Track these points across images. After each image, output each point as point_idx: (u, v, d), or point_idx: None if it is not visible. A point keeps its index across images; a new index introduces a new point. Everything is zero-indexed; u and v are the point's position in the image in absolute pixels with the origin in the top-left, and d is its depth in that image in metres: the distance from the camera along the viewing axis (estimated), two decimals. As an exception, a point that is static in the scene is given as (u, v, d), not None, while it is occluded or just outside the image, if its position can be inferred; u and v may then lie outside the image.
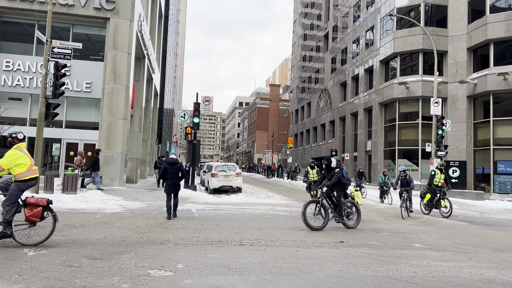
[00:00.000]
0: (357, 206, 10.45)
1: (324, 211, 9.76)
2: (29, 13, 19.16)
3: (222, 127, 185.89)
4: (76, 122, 19.92)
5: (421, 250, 7.69)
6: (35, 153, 13.70)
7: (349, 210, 10.31)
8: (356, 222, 10.29)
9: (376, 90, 33.23)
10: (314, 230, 9.30)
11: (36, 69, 19.25)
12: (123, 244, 6.92)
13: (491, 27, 25.74)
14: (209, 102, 21.49)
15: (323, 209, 9.76)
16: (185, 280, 4.95)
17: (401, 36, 30.19)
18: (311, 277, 5.37)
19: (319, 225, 9.54)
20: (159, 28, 34.26)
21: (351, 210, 10.38)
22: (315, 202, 9.82)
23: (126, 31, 19.41)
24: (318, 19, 52.73)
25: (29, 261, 5.51)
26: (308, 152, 53.40)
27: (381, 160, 31.83)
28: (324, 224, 9.62)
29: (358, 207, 10.45)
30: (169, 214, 10.51)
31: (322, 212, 9.78)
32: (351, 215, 10.32)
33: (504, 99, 25.84)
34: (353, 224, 10.22)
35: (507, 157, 25.01)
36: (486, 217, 15.38)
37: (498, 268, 6.43)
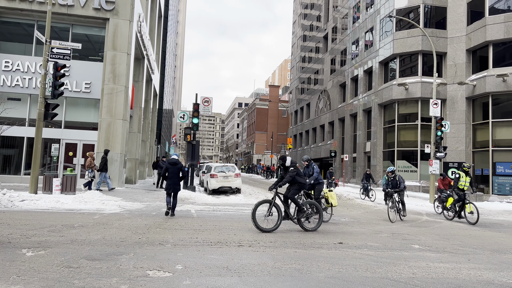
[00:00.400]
0: (319, 208, 9.87)
1: (278, 212, 9.32)
2: (29, 13, 19.15)
3: (221, 128, 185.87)
4: (75, 123, 19.90)
5: (420, 252, 7.69)
6: (34, 153, 13.69)
7: (309, 212, 9.75)
8: (316, 224, 9.68)
9: (375, 91, 33.25)
10: (265, 232, 8.88)
11: (35, 69, 19.25)
12: (122, 244, 6.91)
13: (490, 28, 25.79)
14: (208, 102, 21.49)
15: (276, 210, 9.33)
16: (183, 281, 4.94)
17: (400, 37, 30.23)
18: (310, 278, 5.36)
19: (270, 227, 9.08)
20: (159, 28, 34.27)
21: (312, 211, 9.85)
22: (268, 202, 9.40)
23: (125, 32, 19.41)
24: (318, 20, 52.78)
25: (28, 261, 5.49)
26: (307, 153, 53.39)
27: (380, 161, 31.84)
28: (276, 225, 9.16)
29: (320, 209, 9.87)
30: (169, 209, 11.07)
31: (274, 213, 9.35)
32: (311, 217, 9.78)
33: (503, 100, 25.87)
34: (312, 227, 9.61)
35: (506, 158, 25.05)
36: (485, 218, 15.37)
37: (497, 270, 6.44)
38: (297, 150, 59.40)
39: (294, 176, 9.64)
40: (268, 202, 9.44)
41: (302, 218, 9.60)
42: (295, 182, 9.69)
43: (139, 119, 25.43)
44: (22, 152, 19.20)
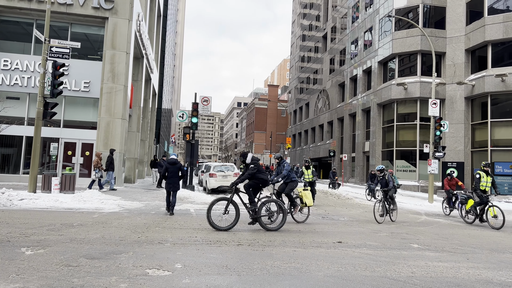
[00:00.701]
0: (283, 207, 9.54)
1: (235, 210, 9.02)
2: (28, 12, 19.12)
3: (220, 128, 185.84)
4: (74, 122, 19.88)
5: (419, 251, 7.70)
6: (32, 153, 13.67)
7: (271, 211, 9.49)
8: (279, 224, 9.32)
9: (374, 91, 33.28)
10: (220, 231, 8.63)
11: (34, 68, 19.22)
12: (121, 243, 6.91)
13: (489, 28, 25.83)
14: (207, 102, 21.48)
15: (234, 208, 9.03)
16: (183, 279, 4.94)
17: (399, 37, 30.25)
18: (309, 277, 5.37)
19: (226, 225, 8.84)
20: (158, 28, 34.23)
21: (275, 210, 9.60)
22: (225, 199, 9.04)
23: (124, 31, 19.39)
24: (317, 20, 52.79)
25: (27, 260, 5.49)
26: (306, 153, 53.43)
27: (379, 161, 31.86)
28: (232, 224, 8.90)
29: (284, 208, 9.54)
30: (171, 209, 11.46)
31: (232, 210, 9.09)
32: (273, 217, 9.53)
33: (501, 100, 25.92)
34: (274, 226, 9.26)
35: (504, 158, 25.09)
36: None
37: (496, 269, 6.45)
38: (296, 149, 59.41)
39: (254, 173, 9.36)
40: (225, 199, 9.07)
41: (263, 216, 9.31)
42: (255, 178, 9.42)
43: (138, 118, 25.41)
44: (21, 151, 19.18)
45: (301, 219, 11.00)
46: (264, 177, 9.51)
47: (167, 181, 11.53)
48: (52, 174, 14.51)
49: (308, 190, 11.17)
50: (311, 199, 11.07)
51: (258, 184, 9.49)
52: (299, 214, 11.06)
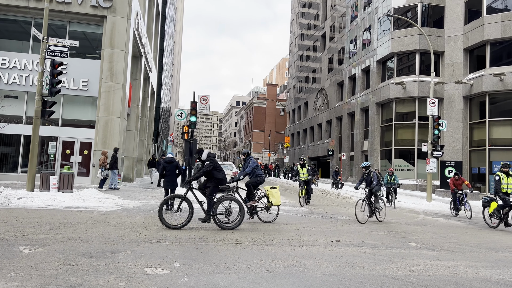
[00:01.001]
0: (241, 205, 9.16)
1: (189, 208, 8.75)
2: (26, 10, 19.06)
3: (219, 126, 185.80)
4: (72, 120, 19.84)
5: (417, 249, 7.72)
6: (31, 151, 13.64)
7: (228, 209, 9.12)
8: (235, 223, 8.97)
9: (373, 90, 33.31)
10: (172, 229, 8.38)
11: (33, 67, 19.17)
12: (120, 242, 6.90)
13: (487, 28, 25.86)
14: (206, 101, 21.46)
15: (187, 206, 8.79)
16: (181, 278, 4.94)
17: (398, 36, 30.27)
18: (308, 275, 5.37)
19: (178, 223, 8.59)
20: (156, 26, 34.18)
21: (232, 208, 9.21)
22: (178, 197, 8.85)
23: (123, 29, 19.35)
24: (316, 19, 52.78)
25: (25, 259, 5.48)
26: (305, 152, 53.46)
27: (377, 160, 31.91)
28: (185, 222, 8.62)
29: (243, 206, 9.17)
30: None
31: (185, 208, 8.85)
32: (230, 215, 9.14)
33: (500, 99, 25.96)
34: (230, 225, 8.92)
35: (502, 157, 25.14)
36: (482, 216, 15.41)
37: (494, 268, 6.47)
38: (294, 148, 59.44)
39: (210, 171, 9.00)
40: (178, 197, 8.87)
41: (218, 215, 8.97)
42: (212, 177, 9.07)
43: (137, 117, 25.38)
44: (19, 150, 19.14)
45: (268, 218, 10.38)
46: (220, 176, 9.09)
47: (165, 179, 11.72)
48: (50, 173, 14.49)
49: (276, 189, 10.54)
50: (278, 197, 10.46)
51: (217, 185, 9.10)
52: (266, 213, 10.44)
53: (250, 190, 10.43)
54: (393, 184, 17.80)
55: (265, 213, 10.47)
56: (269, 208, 10.47)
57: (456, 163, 25.18)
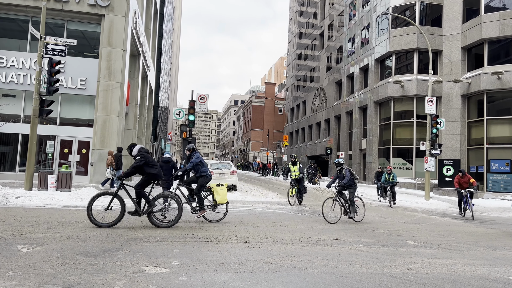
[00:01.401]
0: (179, 202, 8.83)
1: (121, 205, 8.44)
2: (23, 9, 19.00)
3: (218, 125, 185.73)
4: (70, 119, 19.80)
5: (415, 248, 7.74)
6: (28, 150, 13.62)
7: (164, 206, 8.80)
8: (172, 221, 8.67)
9: (371, 88, 33.33)
10: (101, 227, 8.08)
11: (30, 66, 19.12)
12: (118, 241, 6.90)
13: (485, 26, 25.89)
14: (204, 100, 21.45)
15: (119, 203, 8.47)
16: (180, 277, 4.94)
17: (396, 35, 30.28)
18: (306, 274, 5.38)
19: (108, 222, 8.26)
20: (154, 25, 34.12)
21: (167, 206, 8.91)
22: (109, 194, 8.57)
23: (121, 28, 19.31)
24: (314, 17, 52.76)
25: (23, 258, 5.48)
26: (303, 150, 53.50)
27: (375, 159, 31.95)
28: (116, 220, 8.32)
29: (180, 204, 8.82)
30: None
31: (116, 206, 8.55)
32: (166, 212, 8.78)
33: (497, 98, 26.01)
34: (165, 224, 8.61)
35: (500, 156, 25.21)
36: (480, 215, 15.48)
37: (491, 266, 6.49)
38: (293, 147, 59.47)
39: (141, 166, 8.63)
40: (109, 194, 8.56)
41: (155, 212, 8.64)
42: (144, 172, 8.72)
43: (135, 116, 25.35)
44: (17, 149, 19.10)
45: (214, 217, 9.87)
46: (154, 171, 8.71)
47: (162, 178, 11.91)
48: (48, 172, 14.47)
49: (223, 186, 9.93)
50: (224, 196, 9.86)
51: (148, 180, 8.77)
52: (212, 212, 9.95)
53: (199, 198, 9.84)
54: (391, 183, 17.34)
55: (212, 212, 9.96)
56: (216, 206, 9.91)
57: (454, 162, 25.24)
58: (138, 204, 8.74)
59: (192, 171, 10.19)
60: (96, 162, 18.60)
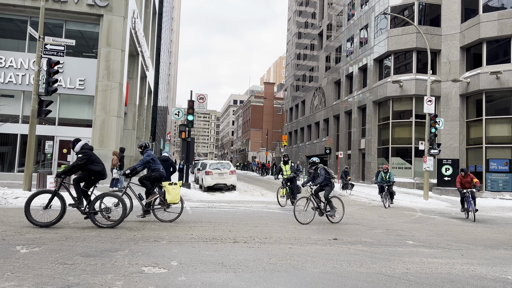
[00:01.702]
0: (123, 201, 8.46)
1: (61, 204, 8.19)
2: (22, 9, 18.97)
3: (217, 125, 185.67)
4: (69, 120, 19.78)
5: (414, 247, 7.75)
6: (27, 151, 13.60)
7: (107, 206, 8.56)
8: (115, 222, 8.33)
9: (370, 88, 33.35)
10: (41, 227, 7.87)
11: (29, 66, 19.09)
12: (117, 241, 6.90)
13: (484, 26, 25.92)
14: (203, 100, 21.44)
15: (60, 202, 8.22)
16: (179, 277, 4.94)
17: (395, 34, 30.30)
18: (305, 273, 5.39)
19: (47, 221, 8.03)
20: (153, 25, 34.09)
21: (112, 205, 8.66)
22: (49, 192, 8.34)
23: (119, 28, 19.29)
24: (313, 17, 52.77)
25: (22, 258, 5.47)
26: (302, 150, 53.51)
27: (374, 158, 31.97)
28: (56, 219, 8.08)
29: (124, 203, 8.44)
30: None
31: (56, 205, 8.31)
32: (109, 212, 8.51)
33: (496, 98, 26.05)
34: (108, 224, 8.27)
35: (499, 155, 25.24)
36: (478, 214, 15.49)
37: (490, 265, 6.50)
38: (292, 147, 59.48)
39: (81, 164, 8.25)
40: (49, 192, 8.29)
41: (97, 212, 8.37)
42: (85, 169, 8.34)
43: (134, 116, 25.32)
44: (15, 149, 19.07)
45: (167, 217, 9.51)
46: (97, 169, 8.33)
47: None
48: (47, 172, 14.46)
49: (176, 185, 9.53)
50: (176, 195, 9.43)
51: (88, 177, 8.39)
52: (164, 212, 9.60)
53: (146, 186, 9.58)
54: (388, 182, 16.78)
55: (164, 212, 9.60)
56: (168, 206, 9.54)
57: (453, 161, 25.27)
58: (85, 198, 8.34)
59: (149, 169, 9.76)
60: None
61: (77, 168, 8.34)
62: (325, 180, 10.79)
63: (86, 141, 8.71)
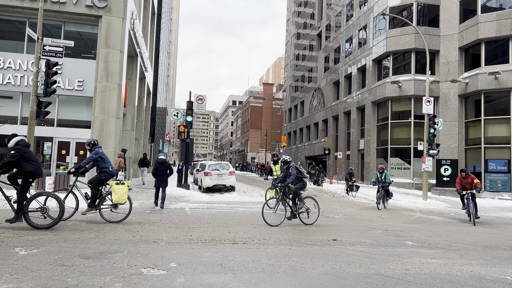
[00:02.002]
0: (61, 202, 8.08)
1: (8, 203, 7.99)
2: (20, 10, 18.96)
3: (216, 126, 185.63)
4: (68, 121, 19.75)
5: (413, 248, 7.75)
6: (26, 152, 13.56)
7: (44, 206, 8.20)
8: (51, 222, 7.97)
9: (368, 89, 33.38)
10: None
11: (27, 67, 19.07)
12: (116, 243, 6.89)
13: (482, 26, 25.96)
14: (202, 100, 21.44)
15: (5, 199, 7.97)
16: (178, 278, 4.94)
17: (393, 35, 30.34)
18: (304, 275, 5.39)
19: None
20: (152, 26, 34.09)
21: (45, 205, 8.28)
22: None
23: (118, 29, 19.28)
24: (311, 18, 52.82)
25: (21, 260, 5.46)
26: (301, 151, 53.51)
27: (373, 159, 31.99)
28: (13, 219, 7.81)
29: (60, 202, 8.05)
30: (156, 201, 12.81)
31: None
32: (46, 212, 8.15)
33: (495, 98, 26.08)
34: (44, 225, 7.94)
35: (497, 155, 25.27)
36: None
37: (489, 265, 6.51)
38: (291, 148, 59.49)
39: (13, 162, 7.82)
40: None
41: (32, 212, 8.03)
42: (19, 168, 7.96)
43: (133, 117, 25.31)
44: (14, 150, 19.03)
45: (114, 218, 9.26)
46: (29, 168, 7.86)
47: (157, 178, 12.78)
48: (46, 174, 14.43)
49: (122, 185, 9.15)
50: (122, 195, 9.09)
51: (26, 178, 8.00)
52: (112, 213, 9.37)
53: (93, 194, 9.24)
54: (383, 183, 16.06)
55: (111, 212, 9.39)
56: (116, 206, 9.25)
57: (452, 162, 25.29)
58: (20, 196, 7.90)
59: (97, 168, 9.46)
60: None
61: (8, 164, 7.83)
62: (296, 179, 10.27)
63: (23, 137, 8.28)
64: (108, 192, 9.39)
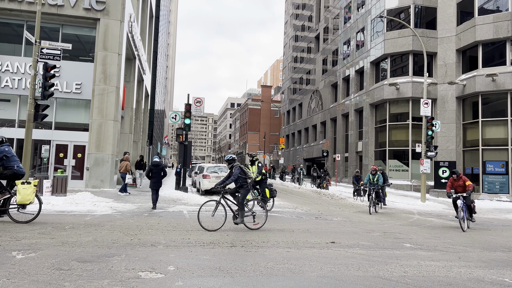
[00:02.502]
0: None
1: None
2: (18, 13, 18.95)
3: (214, 128, 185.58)
4: (65, 124, 19.71)
5: (412, 250, 7.75)
6: (24, 155, 13.53)
7: None
8: None
9: (366, 91, 33.44)
10: None
11: (25, 70, 19.04)
12: (114, 246, 6.87)
13: (479, 29, 26.06)
14: (200, 103, 21.44)
15: None
16: (176, 282, 4.92)
17: (391, 37, 30.43)
18: (302, 278, 5.38)
19: None
20: (150, 29, 34.11)
21: None
22: None
23: (116, 32, 19.28)
24: (309, 20, 52.94)
25: (18, 264, 5.43)
26: (300, 153, 53.55)
27: (371, 161, 32.02)
28: None
29: None
30: (154, 205, 12.95)
31: None
32: None
33: (492, 100, 26.16)
34: None
35: (495, 157, 25.33)
36: (475, 216, 15.50)
37: (487, 268, 6.51)
38: (289, 150, 59.51)
39: None
40: None
41: None
42: None
43: (131, 119, 25.28)
44: (12, 153, 18.97)
45: (22, 218, 9.00)
46: None
47: (152, 180, 12.99)
48: (43, 177, 14.40)
49: (29, 185, 8.86)
50: (27, 195, 8.79)
51: None
52: (20, 213, 9.07)
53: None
54: (375, 185, 15.39)
55: (19, 213, 9.09)
56: (23, 206, 8.93)
57: (449, 163, 25.33)
58: None
59: None
60: (92, 166, 18.55)
61: None
62: (239, 179, 9.48)
63: None
64: (14, 192, 9.03)
